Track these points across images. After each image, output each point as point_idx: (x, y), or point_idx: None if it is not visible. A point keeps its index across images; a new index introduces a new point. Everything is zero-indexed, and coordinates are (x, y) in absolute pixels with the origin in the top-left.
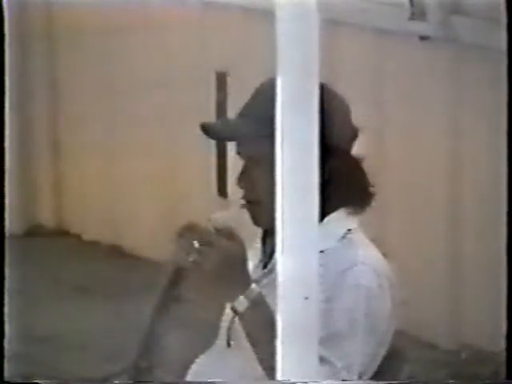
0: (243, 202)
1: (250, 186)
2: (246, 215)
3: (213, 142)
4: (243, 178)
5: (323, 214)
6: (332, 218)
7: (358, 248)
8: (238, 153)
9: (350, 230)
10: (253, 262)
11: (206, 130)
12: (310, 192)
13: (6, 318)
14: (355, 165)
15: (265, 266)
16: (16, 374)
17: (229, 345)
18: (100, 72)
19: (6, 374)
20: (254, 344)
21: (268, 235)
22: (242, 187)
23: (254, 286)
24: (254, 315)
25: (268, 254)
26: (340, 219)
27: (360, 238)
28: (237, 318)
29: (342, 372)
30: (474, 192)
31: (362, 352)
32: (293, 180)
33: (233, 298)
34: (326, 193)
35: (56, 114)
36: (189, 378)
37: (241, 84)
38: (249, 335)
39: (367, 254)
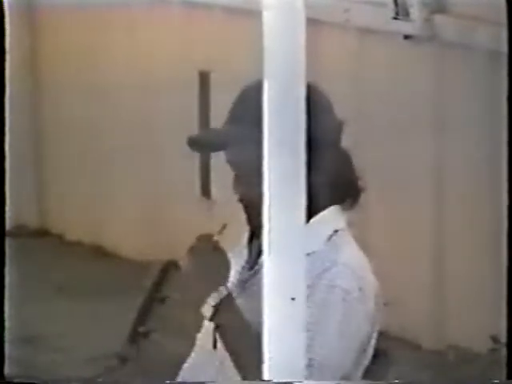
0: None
1: (244, 191)
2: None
3: None
4: (237, 183)
5: (310, 213)
6: (319, 218)
7: (341, 250)
8: (228, 161)
9: (336, 230)
10: (238, 265)
11: (193, 143)
12: (297, 194)
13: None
14: (344, 158)
15: (251, 268)
16: None
17: (215, 347)
18: (83, 72)
19: None
20: (226, 347)
21: (254, 237)
22: (236, 192)
23: (220, 289)
24: (223, 319)
25: (254, 256)
26: (328, 219)
27: (345, 240)
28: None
29: (313, 372)
30: (459, 191)
31: (339, 353)
32: (280, 182)
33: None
34: (314, 191)
35: (39, 115)
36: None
37: (224, 83)
38: (221, 338)
39: (350, 255)
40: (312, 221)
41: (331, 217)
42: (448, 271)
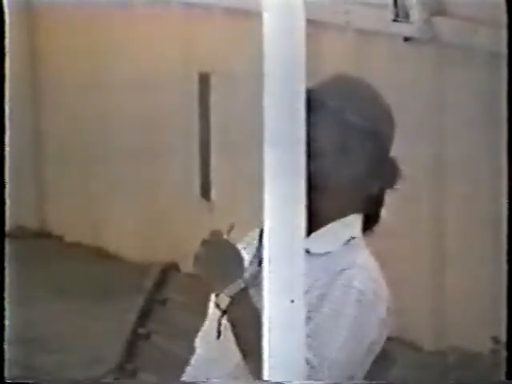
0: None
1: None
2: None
3: (196, 144)
4: None
5: (333, 217)
6: (340, 222)
7: (358, 253)
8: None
9: (353, 237)
10: (247, 259)
11: None
12: (298, 200)
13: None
14: (387, 173)
15: (260, 263)
16: None
17: (218, 337)
18: (82, 72)
19: None
20: (237, 339)
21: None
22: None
23: (238, 281)
24: (237, 311)
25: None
26: (347, 225)
27: (362, 246)
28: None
29: (321, 372)
30: (459, 191)
31: (348, 354)
32: (281, 185)
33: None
34: (344, 195)
35: (39, 115)
36: (187, 374)
37: (224, 84)
38: (233, 330)
39: (367, 259)
40: (332, 223)
41: (351, 223)
42: (448, 272)
